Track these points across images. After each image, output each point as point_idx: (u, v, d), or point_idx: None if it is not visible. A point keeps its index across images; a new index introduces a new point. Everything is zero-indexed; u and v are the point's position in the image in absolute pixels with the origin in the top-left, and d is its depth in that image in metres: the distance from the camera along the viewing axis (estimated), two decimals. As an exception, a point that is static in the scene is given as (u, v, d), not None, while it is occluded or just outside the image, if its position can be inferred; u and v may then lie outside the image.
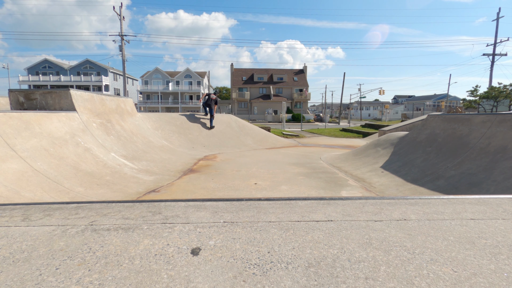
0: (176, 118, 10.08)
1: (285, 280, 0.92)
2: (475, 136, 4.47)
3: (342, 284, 0.90)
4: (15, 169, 3.10)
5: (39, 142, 3.76)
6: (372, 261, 1.03)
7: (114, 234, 1.27)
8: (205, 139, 9.71)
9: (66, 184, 3.42)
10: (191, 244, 1.17)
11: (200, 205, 1.66)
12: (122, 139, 5.98)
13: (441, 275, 0.94)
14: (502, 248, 1.13)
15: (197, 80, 56.05)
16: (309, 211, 1.55)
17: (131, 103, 8.03)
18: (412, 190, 4.03)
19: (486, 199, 1.77)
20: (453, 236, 1.24)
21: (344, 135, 19.73)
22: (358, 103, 65.31)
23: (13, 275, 0.95)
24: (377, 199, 1.77)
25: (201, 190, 4.00)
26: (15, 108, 5.19)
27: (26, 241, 1.21)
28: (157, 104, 54.69)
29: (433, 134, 5.47)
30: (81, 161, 4.11)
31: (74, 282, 0.91)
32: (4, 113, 3.62)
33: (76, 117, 4.98)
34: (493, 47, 29.19)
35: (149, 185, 4.21)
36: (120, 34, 25.64)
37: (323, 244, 1.17)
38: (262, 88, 53.97)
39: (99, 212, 1.55)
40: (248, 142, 10.56)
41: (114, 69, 54.79)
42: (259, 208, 1.60)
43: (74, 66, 52.11)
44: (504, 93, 30.59)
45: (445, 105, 45.35)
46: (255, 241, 1.19)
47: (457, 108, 33.68)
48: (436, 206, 1.64)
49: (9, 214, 1.54)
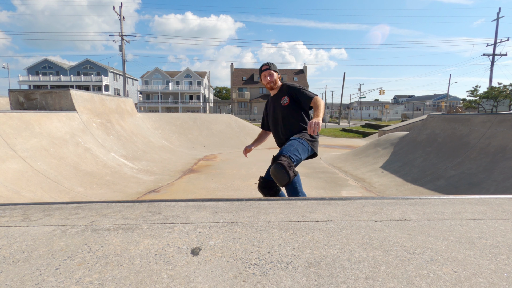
0: (176, 118, 10.08)
1: (285, 280, 0.92)
2: (475, 136, 4.47)
3: (342, 284, 0.90)
4: (15, 169, 3.10)
5: (39, 142, 3.76)
6: (372, 261, 1.03)
7: (114, 234, 1.27)
8: (205, 139, 9.71)
9: (66, 184, 3.42)
10: (191, 244, 1.17)
11: (200, 205, 1.66)
12: (122, 139, 5.98)
13: (441, 275, 0.94)
14: (502, 248, 1.13)
15: (197, 80, 56.03)
16: (309, 211, 1.55)
17: (131, 103, 8.03)
18: (412, 190, 4.03)
19: (486, 199, 1.77)
20: (453, 236, 1.24)
21: (344, 135, 19.73)
22: (358, 103, 65.32)
23: (13, 275, 0.95)
24: (377, 199, 1.77)
25: (201, 190, 4.00)
26: (15, 108, 5.19)
27: (26, 241, 1.21)
28: (157, 104, 54.68)
29: (433, 134, 5.47)
30: (81, 161, 4.11)
31: (74, 282, 0.91)
32: (4, 113, 3.62)
33: (76, 117, 4.98)
34: (493, 47, 29.18)
35: (149, 185, 4.21)
36: (120, 34, 25.63)
37: (323, 244, 1.17)
38: (262, 88, 53.94)
39: (99, 212, 1.55)
40: (248, 142, 10.56)
41: (114, 69, 54.78)
42: (259, 208, 1.60)
43: (74, 66, 52.09)
44: (504, 93, 30.59)
45: (445, 105, 45.35)
46: (255, 241, 1.19)
47: (457, 108, 33.67)
48: (436, 206, 1.64)
49: (9, 214, 1.54)
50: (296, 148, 2.15)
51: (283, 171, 1.99)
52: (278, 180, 2.04)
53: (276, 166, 2.01)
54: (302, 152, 2.19)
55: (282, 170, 1.99)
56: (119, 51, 25.89)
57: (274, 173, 2.04)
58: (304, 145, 2.23)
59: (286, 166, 2.00)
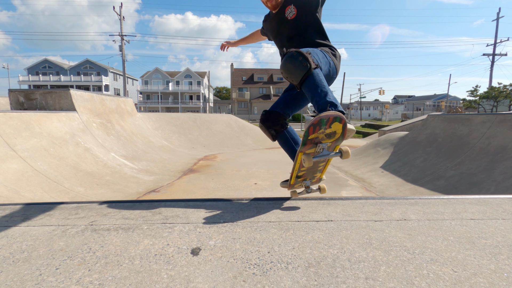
0: (176, 118, 10.08)
1: (285, 280, 0.92)
2: (475, 136, 4.47)
3: (342, 284, 0.90)
4: (15, 169, 3.10)
5: (39, 142, 3.76)
6: (372, 261, 1.03)
7: (114, 234, 1.27)
8: (205, 139, 9.71)
9: (66, 184, 3.42)
10: (191, 244, 1.17)
11: (200, 205, 1.66)
12: (122, 139, 5.97)
13: (441, 275, 0.95)
14: (502, 248, 1.13)
15: (197, 80, 56.05)
16: (309, 211, 1.55)
17: (131, 103, 8.03)
18: (412, 190, 4.03)
19: (486, 199, 1.77)
20: (453, 236, 1.24)
21: (344, 135, 19.69)
22: (358, 103, 65.29)
23: (13, 275, 0.95)
24: (377, 199, 1.77)
25: (201, 190, 4.00)
26: (15, 108, 5.19)
27: (26, 241, 1.21)
28: (157, 104, 54.69)
29: (433, 134, 5.47)
30: (81, 161, 4.11)
31: (74, 282, 0.91)
32: (4, 113, 3.62)
33: (76, 117, 4.98)
34: (493, 47, 29.19)
35: (149, 185, 4.21)
36: (120, 34, 25.64)
37: (323, 244, 1.17)
38: (262, 88, 53.98)
39: (99, 212, 1.55)
40: (248, 142, 10.56)
41: (114, 69, 54.79)
42: (259, 208, 1.60)
43: (74, 66, 52.10)
44: (504, 93, 30.61)
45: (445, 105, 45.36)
46: (255, 241, 1.19)
47: (457, 108, 33.68)
48: (436, 206, 1.64)
49: (9, 214, 1.54)
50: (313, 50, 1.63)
51: (299, 57, 1.48)
52: (292, 72, 1.51)
53: (290, 53, 1.50)
54: (322, 58, 1.68)
55: (298, 56, 1.49)
56: (119, 51, 25.91)
57: (286, 63, 1.52)
58: (325, 55, 1.72)
59: (304, 52, 1.50)
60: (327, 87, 1.54)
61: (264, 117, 1.92)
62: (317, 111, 1.53)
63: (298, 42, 1.83)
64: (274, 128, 1.88)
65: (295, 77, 1.52)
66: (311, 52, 1.55)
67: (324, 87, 1.52)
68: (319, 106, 1.50)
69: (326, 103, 1.49)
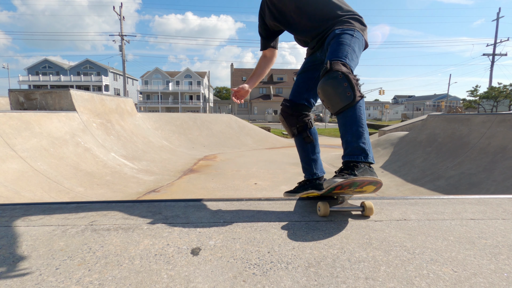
0: (176, 118, 10.08)
1: (285, 280, 0.92)
2: (475, 136, 4.47)
3: (342, 284, 0.90)
4: (15, 169, 3.10)
5: (39, 142, 3.76)
6: (372, 261, 1.03)
7: (114, 234, 1.27)
8: (205, 139, 9.71)
9: (66, 184, 3.42)
10: (191, 244, 1.17)
11: (200, 205, 1.66)
12: (122, 139, 5.97)
13: (441, 275, 0.95)
14: (502, 248, 1.13)
15: (197, 80, 56.05)
16: (309, 211, 1.55)
17: (131, 103, 8.03)
18: (412, 190, 4.03)
19: (486, 199, 1.77)
20: (453, 236, 1.24)
21: (344, 135, 19.66)
22: (358, 103, 65.03)
23: (13, 275, 0.95)
24: (377, 199, 1.77)
25: (201, 190, 4.00)
26: (15, 108, 5.19)
27: (26, 241, 1.21)
28: (157, 104, 54.70)
29: (433, 134, 5.46)
30: (81, 161, 4.11)
31: (74, 282, 0.91)
32: (4, 113, 3.62)
33: (76, 117, 4.98)
34: (493, 47, 29.20)
35: (149, 185, 4.21)
36: (120, 34, 25.64)
37: (323, 244, 1.17)
38: (262, 88, 53.96)
39: (99, 212, 1.55)
40: (248, 142, 10.56)
41: (114, 69, 54.79)
42: (259, 208, 1.60)
43: (74, 66, 52.10)
44: (504, 93, 30.62)
45: (445, 105, 45.36)
46: (255, 241, 1.19)
47: (457, 108, 33.68)
48: (436, 206, 1.64)
49: (9, 214, 1.54)
50: (349, 45, 1.38)
51: (344, 83, 1.26)
52: (331, 99, 1.30)
53: (335, 74, 1.26)
54: (359, 50, 1.45)
55: (343, 82, 1.26)
56: (119, 51, 25.92)
57: (326, 85, 1.29)
58: (358, 37, 1.45)
59: (352, 78, 1.27)
60: (365, 125, 1.34)
61: (288, 110, 1.65)
62: (343, 148, 1.37)
63: (309, 17, 1.55)
64: (297, 125, 1.65)
65: (332, 105, 1.32)
66: (358, 79, 1.33)
67: (362, 126, 1.31)
68: (348, 148, 1.33)
69: (358, 148, 1.31)
